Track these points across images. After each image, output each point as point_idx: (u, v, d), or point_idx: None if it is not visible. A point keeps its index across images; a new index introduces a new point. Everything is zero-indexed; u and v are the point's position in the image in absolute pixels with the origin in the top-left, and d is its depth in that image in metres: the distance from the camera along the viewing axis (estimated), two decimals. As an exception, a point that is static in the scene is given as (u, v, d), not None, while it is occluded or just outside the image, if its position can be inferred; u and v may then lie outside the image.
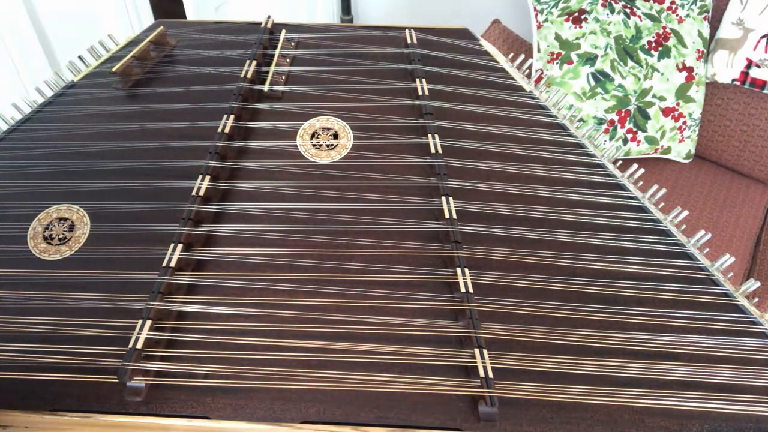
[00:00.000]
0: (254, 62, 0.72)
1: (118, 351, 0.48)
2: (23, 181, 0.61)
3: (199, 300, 0.51)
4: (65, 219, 0.58)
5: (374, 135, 0.65)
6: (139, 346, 0.47)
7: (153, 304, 0.49)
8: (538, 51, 1.40)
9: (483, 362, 0.46)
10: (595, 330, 0.50)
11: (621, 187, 0.61)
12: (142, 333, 0.48)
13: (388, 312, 0.51)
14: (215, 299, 0.51)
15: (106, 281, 0.53)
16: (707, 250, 0.57)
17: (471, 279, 0.52)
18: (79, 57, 0.74)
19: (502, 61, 0.74)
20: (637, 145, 1.38)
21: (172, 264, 0.52)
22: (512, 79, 0.72)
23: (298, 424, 0.45)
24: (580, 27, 1.36)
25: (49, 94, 0.71)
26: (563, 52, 1.36)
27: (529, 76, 0.74)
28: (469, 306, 0.50)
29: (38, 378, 0.47)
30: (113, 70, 0.69)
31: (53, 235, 0.57)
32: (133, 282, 0.52)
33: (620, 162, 0.65)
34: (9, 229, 0.57)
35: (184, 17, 1.48)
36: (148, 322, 0.48)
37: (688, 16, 1.36)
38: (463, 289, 0.51)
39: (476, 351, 0.47)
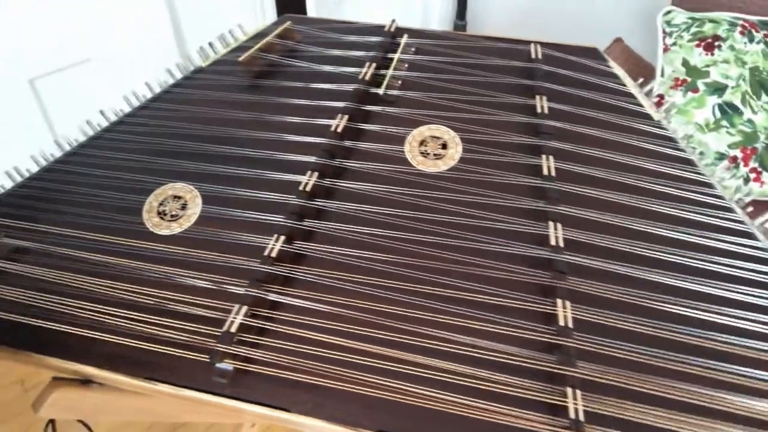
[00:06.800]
0: (374, 65, 0.72)
1: (213, 332, 0.49)
2: (146, 157, 0.65)
3: (294, 293, 0.52)
4: (179, 197, 0.61)
5: (484, 149, 0.63)
6: (233, 330, 0.48)
7: (252, 291, 0.51)
8: (662, 75, 1.32)
9: (575, 403, 0.44)
10: (702, 387, 0.46)
11: (750, 235, 0.56)
12: (238, 317, 0.49)
13: (479, 334, 0.49)
14: (308, 294, 0.52)
15: (209, 262, 0.55)
16: None
17: (572, 313, 0.49)
18: (209, 44, 0.78)
19: (631, 85, 0.70)
20: (761, 186, 1.27)
21: (273, 254, 0.53)
22: (640, 105, 0.67)
23: (372, 432, 0.45)
24: (712, 54, 1.27)
25: (179, 76, 0.75)
26: (689, 79, 1.28)
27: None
28: (566, 341, 0.47)
29: (137, 345, 0.49)
30: (240, 60, 0.71)
31: (166, 211, 0.60)
32: (234, 266, 0.54)
33: (751, 209, 0.60)
34: (127, 200, 0.61)
35: (305, 11, 1.53)
36: (245, 308, 0.49)
37: (841, 52, 1.23)
38: (562, 323, 0.48)
39: (569, 390, 0.44)
